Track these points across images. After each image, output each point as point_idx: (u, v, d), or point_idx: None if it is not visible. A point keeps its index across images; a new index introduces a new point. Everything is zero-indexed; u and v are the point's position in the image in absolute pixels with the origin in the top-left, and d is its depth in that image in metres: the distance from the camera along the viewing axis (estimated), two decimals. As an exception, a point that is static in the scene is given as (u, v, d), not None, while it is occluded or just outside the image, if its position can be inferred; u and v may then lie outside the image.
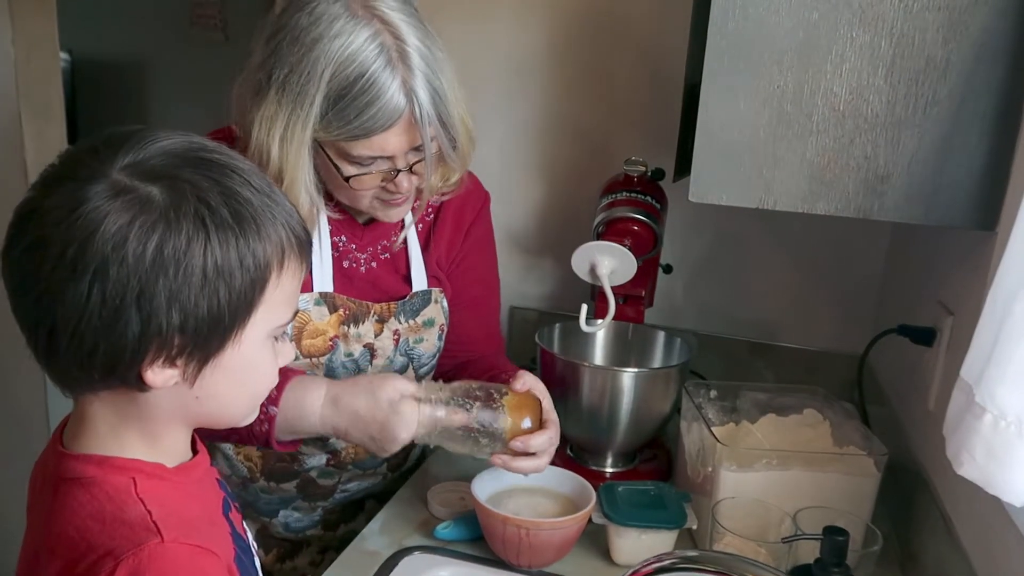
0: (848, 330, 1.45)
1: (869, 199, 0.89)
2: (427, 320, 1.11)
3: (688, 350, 1.26)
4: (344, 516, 1.20)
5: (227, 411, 0.65)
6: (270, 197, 0.60)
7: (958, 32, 0.83)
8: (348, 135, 0.88)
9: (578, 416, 1.21)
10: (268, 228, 0.58)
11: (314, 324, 1.02)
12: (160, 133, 0.58)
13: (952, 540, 0.88)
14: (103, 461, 0.61)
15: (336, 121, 0.87)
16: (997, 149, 0.85)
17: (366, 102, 0.86)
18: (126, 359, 0.56)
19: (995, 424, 0.62)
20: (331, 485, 1.15)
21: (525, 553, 0.98)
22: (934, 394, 1.01)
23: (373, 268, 1.08)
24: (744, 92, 0.90)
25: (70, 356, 0.56)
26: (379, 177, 0.93)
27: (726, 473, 1.00)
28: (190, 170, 0.56)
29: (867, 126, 0.88)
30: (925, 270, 1.18)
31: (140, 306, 0.54)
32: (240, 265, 0.57)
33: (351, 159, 0.91)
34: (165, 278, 0.54)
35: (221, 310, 0.57)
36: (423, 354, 1.12)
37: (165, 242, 0.54)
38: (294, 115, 0.87)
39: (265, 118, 0.89)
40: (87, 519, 0.58)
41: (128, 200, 0.54)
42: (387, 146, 0.89)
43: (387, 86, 0.86)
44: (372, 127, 0.87)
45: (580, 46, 1.50)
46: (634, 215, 1.23)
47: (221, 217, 0.56)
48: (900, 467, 1.08)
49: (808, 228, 1.44)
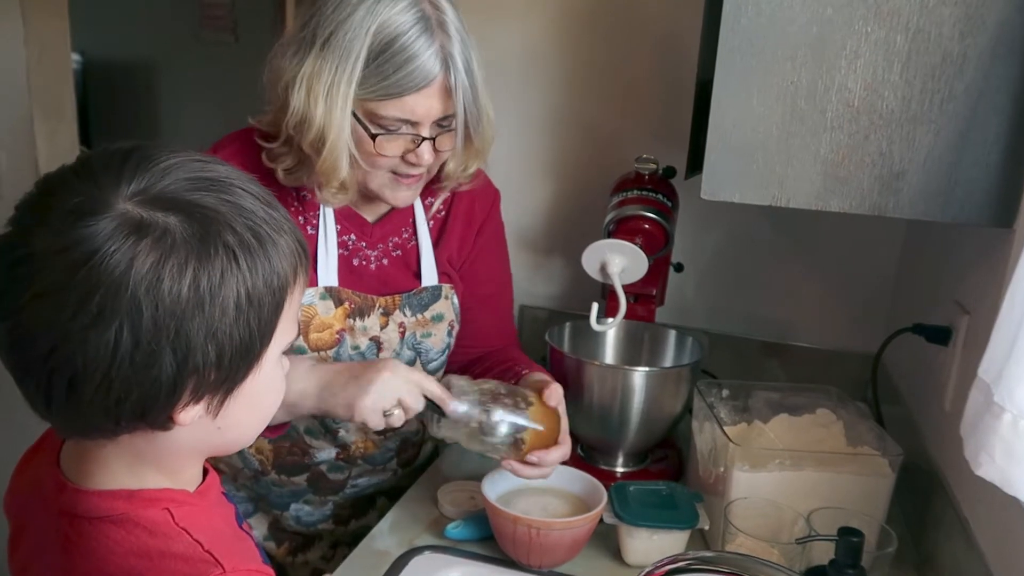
0: (862, 329, 1.44)
1: (884, 196, 0.88)
2: (436, 315, 1.11)
3: (700, 349, 1.25)
4: (355, 511, 1.21)
5: (244, 436, 0.63)
6: (269, 204, 0.57)
7: (975, 27, 0.82)
8: (382, 93, 0.90)
9: (589, 415, 1.20)
10: (281, 242, 0.56)
11: (320, 318, 1.03)
12: (155, 151, 0.55)
13: (969, 541, 0.87)
14: (131, 495, 0.58)
15: (373, 77, 0.90)
16: (1014, 145, 0.84)
17: (404, 59, 0.88)
18: (160, 402, 0.53)
19: (1015, 424, 0.61)
20: (341, 479, 1.16)
21: (535, 553, 0.98)
22: (950, 394, 1.00)
23: (384, 265, 1.09)
24: (757, 88, 0.89)
25: (96, 405, 0.52)
26: (403, 144, 0.94)
27: (738, 473, 0.99)
28: (202, 193, 0.53)
29: (882, 122, 0.86)
30: (940, 268, 1.17)
31: (176, 347, 0.51)
32: (266, 289, 0.55)
33: (379, 120, 0.92)
34: (201, 315, 0.51)
35: (252, 338, 0.55)
36: (431, 348, 1.12)
37: (199, 278, 0.51)
38: (339, 71, 0.89)
39: (307, 76, 0.90)
40: (130, 558, 0.56)
41: (154, 238, 0.50)
42: (417, 109, 0.91)
43: (424, 48, 0.89)
44: (406, 86, 0.90)
45: (591, 42, 1.49)
46: (645, 213, 1.23)
47: (246, 242, 0.53)
48: (915, 467, 1.07)
49: (822, 226, 1.43)
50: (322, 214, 1.04)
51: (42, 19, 2.02)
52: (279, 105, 0.94)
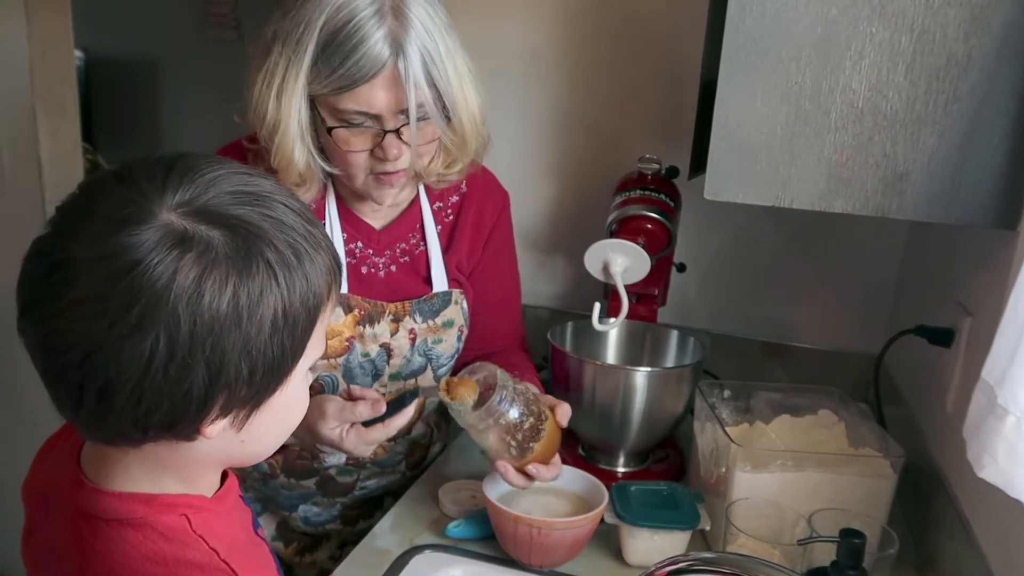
0: (864, 330, 1.44)
1: (888, 197, 0.88)
2: (447, 321, 1.11)
3: (701, 349, 1.25)
4: (364, 512, 1.21)
5: (265, 450, 0.63)
6: (309, 220, 0.57)
7: (980, 28, 0.82)
8: (335, 85, 0.89)
9: (590, 415, 1.20)
10: (318, 260, 0.56)
11: (330, 325, 1.02)
12: (199, 161, 0.55)
13: (971, 543, 0.87)
14: (149, 499, 0.58)
15: (324, 69, 0.88)
16: (1019, 147, 0.83)
17: (350, 47, 0.86)
18: (189, 415, 0.53)
19: (1018, 426, 0.61)
20: (350, 482, 1.16)
21: (536, 552, 0.98)
22: (952, 395, 1.00)
23: (392, 272, 1.09)
24: (761, 89, 0.89)
25: (125, 415, 0.52)
26: (369, 139, 0.93)
27: (740, 474, 0.99)
28: (245, 208, 0.53)
29: (886, 123, 0.86)
30: (943, 270, 1.17)
31: (210, 362, 0.51)
32: (302, 307, 0.55)
33: (339, 114, 0.91)
34: (238, 331, 0.51)
35: (285, 355, 0.55)
36: (442, 355, 1.12)
37: (239, 294, 0.51)
38: (291, 65, 0.89)
39: (267, 72, 0.91)
40: (145, 563, 0.56)
41: (198, 252, 0.50)
42: (373, 101, 0.89)
43: (371, 33, 0.86)
44: (355, 76, 0.87)
45: (594, 42, 1.49)
46: (648, 213, 1.23)
47: (286, 260, 0.53)
48: (917, 469, 1.07)
49: (825, 227, 1.43)
50: (328, 222, 1.04)
51: (45, 16, 2.02)
52: (247, 102, 0.94)
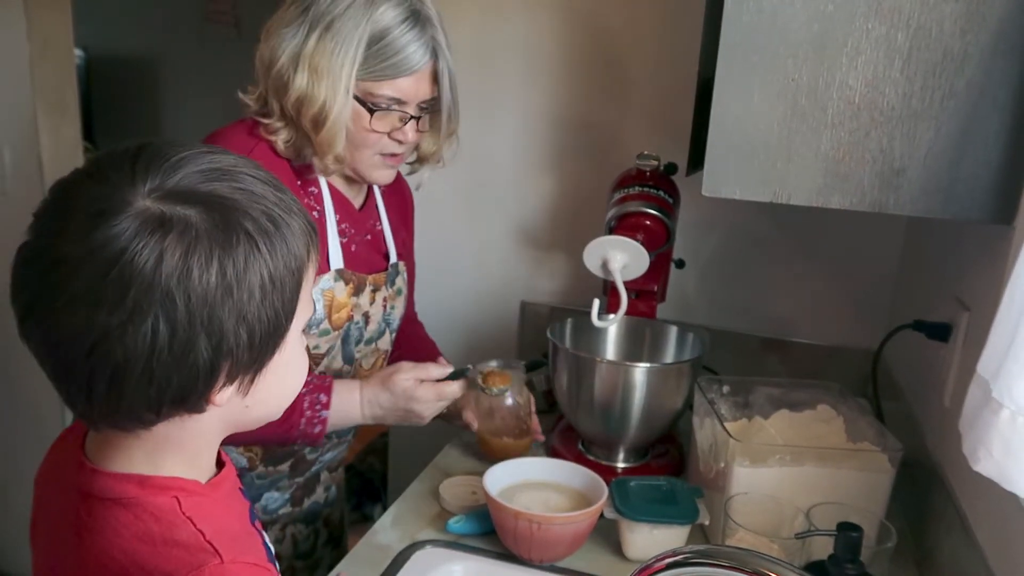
0: (862, 325, 1.44)
1: (885, 193, 0.88)
2: (398, 290, 1.21)
3: (700, 345, 1.26)
4: (307, 490, 1.23)
5: (269, 412, 0.65)
6: (277, 187, 0.59)
7: (975, 23, 0.82)
8: (380, 74, 1.01)
9: (590, 411, 1.21)
10: (293, 224, 0.58)
11: (338, 299, 1.10)
12: (163, 147, 0.56)
13: (968, 537, 0.87)
14: (143, 481, 0.59)
15: (372, 60, 1.00)
16: (1015, 142, 0.84)
17: (402, 45, 1.00)
18: (199, 387, 0.55)
19: (1013, 420, 0.61)
20: (314, 458, 1.20)
21: (537, 547, 0.98)
22: (950, 390, 1.01)
23: (365, 247, 1.16)
24: (758, 85, 0.89)
25: (138, 397, 0.54)
26: (391, 122, 1.04)
27: (739, 469, 1.00)
28: (215, 184, 0.55)
29: (883, 119, 0.87)
30: (941, 265, 1.17)
31: (210, 332, 0.53)
32: (286, 270, 0.57)
33: (373, 98, 1.02)
34: (230, 300, 0.54)
35: (278, 317, 0.57)
36: (395, 320, 1.21)
37: (225, 266, 0.53)
38: (341, 54, 0.98)
39: (309, 57, 0.98)
40: (134, 541, 0.57)
41: (178, 231, 0.52)
42: (407, 90, 1.03)
43: (418, 37, 1.01)
44: (402, 68, 1.01)
45: (592, 39, 1.49)
46: (646, 210, 1.23)
47: (263, 227, 0.56)
48: (915, 463, 1.08)
49: (823, 222, 1.43)
50: (325, 204, 1.09)
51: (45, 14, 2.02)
52: (277, 83, 1.01)
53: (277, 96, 1.01)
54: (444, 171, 1.16)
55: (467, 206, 1.63)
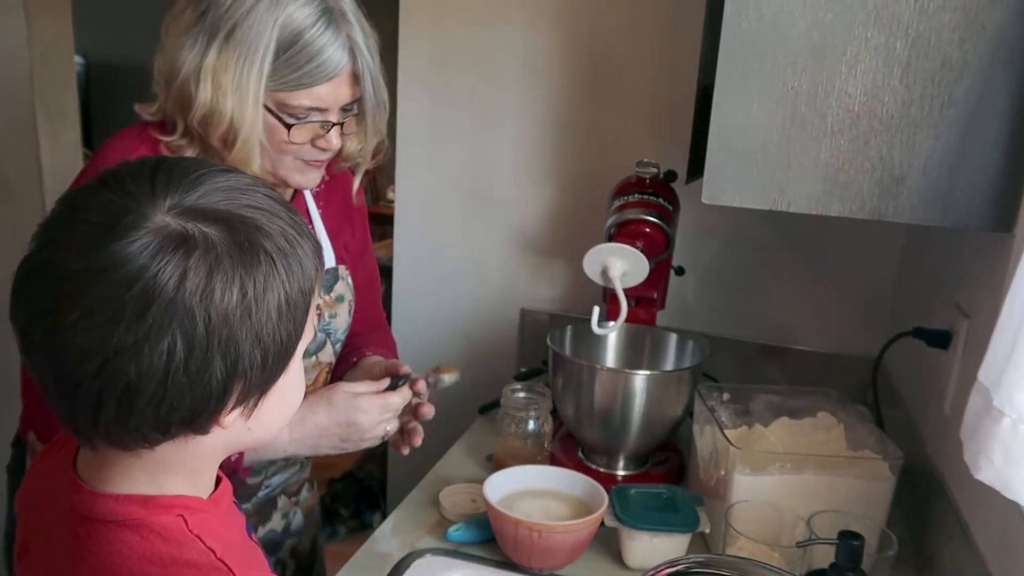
0: (862, 333, 1.44)
1: (884, 201, 0.89)
2: (338, 296, 1.13)
3: (700, 352, 1.26)
4: (260, 518, 1.16)
5: (269, 434, 0.64)
6: (288, 208, 0.58)
7: (974, 32, 0.82)
8: (293, 84, 0.91)
9: (590, 418, 1.20)
10: (305, 246, 0.57)
11: None
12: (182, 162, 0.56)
13: (969, 545, 0.87)
14: (147, 501, 0.58)
15: (283, 69, 0.91)
16: (1014, 150, 0.84)
17: (315, 51, 0.90)
18: (210, 408, 0.54)
19: (1014, 428, 0.61)
20: (257, 483, 1.13)
21: (537, 555, 0.98)
22: (950, 398, 1.00)
23: None
24: (758, 93, 0.89)
25: (147, 416, 0.53)
26: (312, 131, 0.96)
27: (739, 476, 1.00)
28: (234, 202, 0.55)
29: (882, 127, 0.87)
30: (941, 272, 1.17)
31: (226, 353, 0.52)
32: (299, 292, 0.56)
33: (289, 109, 0.93)
34: (249, 321, 0.53)
35: (290, 339, 0.57)
36: (337, 329, 1.13)
37: (247, 286, 0.53)
38: (248, 64, 0.89)
39: (211, 70, 0.89)
40: (142, 563, 0.56)
41: (201, 251, 0.51)
42: (326, 97, 0.93)
43: (333, 39, 0.91)
44: (318, 76, 0.91)
45: (592, 46, 1.49)
46: (646, 217, 1.23)
47: (281, 248, 0.55)
48: (916, 471, 1.07)
49: (822, 230, 1.43)
50: None
51: (45, 21, 2.03)
52: (178, 98, 0.92)
53: (181, 112, 0.92)
54: (444, 178, 1.16)
55: (467, 213, 1.63)
